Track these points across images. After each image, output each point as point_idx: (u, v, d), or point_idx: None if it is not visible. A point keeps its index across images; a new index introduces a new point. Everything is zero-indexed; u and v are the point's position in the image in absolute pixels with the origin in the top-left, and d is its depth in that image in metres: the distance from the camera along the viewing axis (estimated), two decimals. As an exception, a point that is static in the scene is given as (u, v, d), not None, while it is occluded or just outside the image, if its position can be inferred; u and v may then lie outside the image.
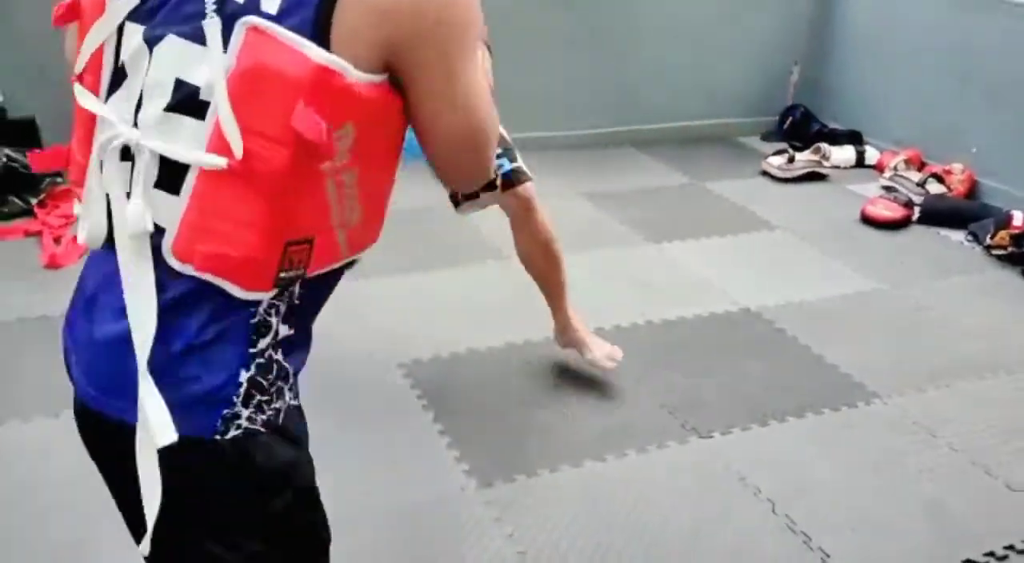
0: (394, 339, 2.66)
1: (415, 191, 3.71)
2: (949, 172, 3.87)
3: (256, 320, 0.92)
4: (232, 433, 0.92)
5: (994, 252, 3.34)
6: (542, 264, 2.35)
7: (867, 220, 3.64)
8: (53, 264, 2.92)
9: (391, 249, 3.33)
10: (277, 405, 0.97)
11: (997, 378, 2.59)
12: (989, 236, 3.36)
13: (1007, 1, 3.80)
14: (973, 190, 3.87)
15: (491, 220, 3.29)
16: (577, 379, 2.50)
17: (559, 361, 2.59)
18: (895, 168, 3.97)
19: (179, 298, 0.89)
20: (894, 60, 4.30)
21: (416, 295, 2.94)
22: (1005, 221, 3.34)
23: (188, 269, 0.88)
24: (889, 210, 3.63)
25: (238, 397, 0.92)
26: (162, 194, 0.88)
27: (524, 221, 2.28)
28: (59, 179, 3.47)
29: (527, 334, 2.71)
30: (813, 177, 4.12)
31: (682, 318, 2.86)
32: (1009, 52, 3.73)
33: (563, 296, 2.42)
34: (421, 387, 2.43)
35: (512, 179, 2.19)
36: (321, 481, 1.99)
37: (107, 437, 0.96)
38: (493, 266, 3.14)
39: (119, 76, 0.92)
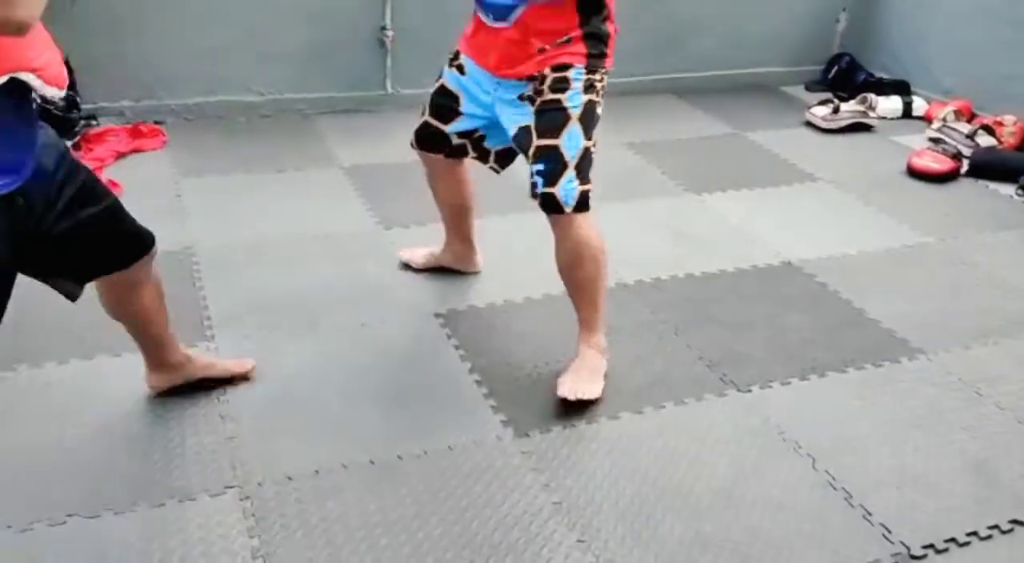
0: (432, 288, 2.64)
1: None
2: (1000, 124, 3.74)
3: None
4: None
5: (1046, 206, 3.25)
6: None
7: (913, 172, 3.54)
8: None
9: (427, 198, 3.31)
10: None
11: (1046, 336, 2.52)
12: (1041, 190, 3.25)
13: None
14: (1025, 143, 3.74)
15: (526, 168, 3.24)
16: (615, 332, 2.46)
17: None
18: (944, 119, 3.85)
19: None
20: (945, 7, 4.14)
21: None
22: (1058, 175, 3.23)
23: None
24: (936, 162, 3.52)
25: None
26: None
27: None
28: (94, 121, 3.46)
29: (563, 286, 2.67)
30: (858, 128, 4.00)
31: (723, 270, 2.81)
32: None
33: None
34: (458, 337, 2.41)
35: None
36: (363, 419, 1.99)
37: None
38: (535, 217, 3.09)
39: None
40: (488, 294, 2.62)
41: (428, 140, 2.40)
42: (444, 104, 2.32)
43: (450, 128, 2.33)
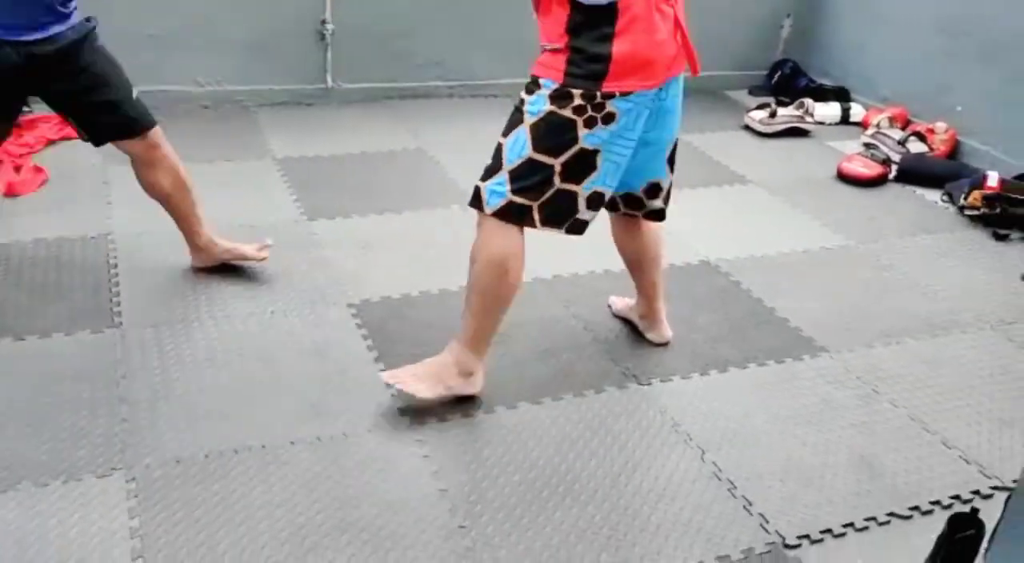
0: (347, 280, 2.65)
1: (382, 133, 3.71)
2: (932, 131, 3.81)
3: None
4: None
5: (967, 212, 3.30)
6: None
7: (843, 177, 3.60)
8: (11, 192, 2.92)
9: (356, 190, 3.34)
10: None
11: (949, 336, 2.57)
12: (963, 196, 3.31)
13: (1000, -44, 3.71)
14: (955, 149, 3.81)
15: (460, 166, 3.29)
16: (525, 327, 2.49)
17: (512, 307, 2.58)
18: (878, 125, 3.91)
19: None
20: (886, 16, 4.21)
21: (376, 237, 2.93)
22: (979, 181, 3.29)
23: None
24: (865, 167, 3.58)
25: None
26: None
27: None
28: (26, 108, 3.44)
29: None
30: (795, 133, 4.06)
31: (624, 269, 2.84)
32: (1002, 10, 3.64)
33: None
34: (368, 327, 2.43)
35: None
36: (262, 405, 2.01)
37: None
38: (458, 210, 3.12)
39: None
40: (404, 285, 2.64)
41: None
42: None
43: None
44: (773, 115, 4.02)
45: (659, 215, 2.24)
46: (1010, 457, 2.08)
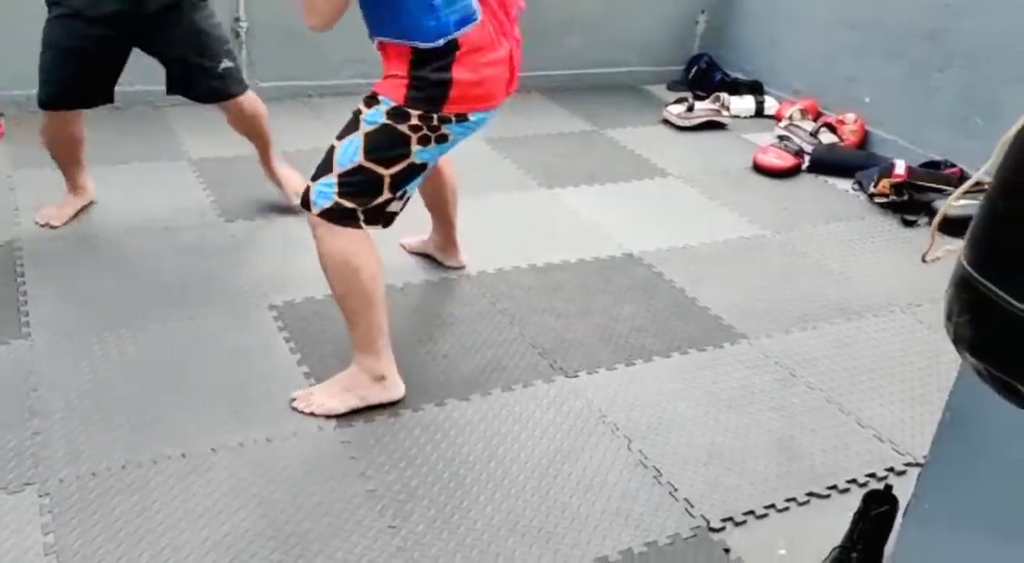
0: (268, 282, 2.61)
1: (302, 132, 3.65)
2: (842, 122, 3.93)
3: None
4: None
5: (877, 200, 3.42)
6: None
7: (758, 168, 3.69)
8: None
9: (275, 191, 3.27)
10: None
11: (862, 320, 2.66)
12: (872, 184, 3.43)
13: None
14: (865, 140, 3.94)
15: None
16: (453, 322, 2.49)
17: (437, 304, 2.58)
18: (790, 118, 4.02)
19: None
20: (796, 11, 4.33)
21: (297, 237, 2.87)
22: (887, 170, 3.41)
23: None
24: (779, 159, 3.68)
25: None
26: None
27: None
28: None
29: (407, 277, 2.69)
30: (713, 126, 4.14)
31: (565, 262, 2.86)
32: (905, 4, 3.78)
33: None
34: (290, 328, 2.39)
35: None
36: (181, 413, 1.96)
37: None
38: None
39: None
40: (326, 285, 2.60)
41: None
42: None
43: None
44: (690, 109, 4.10)
45: None
46: (921, 434, 2.16)
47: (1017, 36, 3.35)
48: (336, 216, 1.96)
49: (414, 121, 1.92)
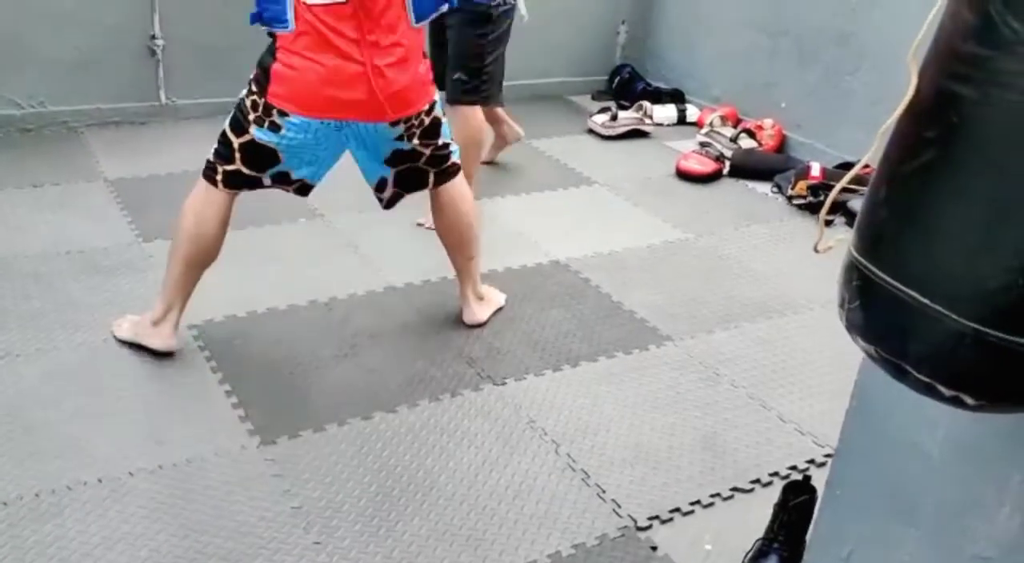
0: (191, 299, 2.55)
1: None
2: (760, 127, 4.03)
3: None
4: None
5: (795, 202, 3.51)
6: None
7: (681, 174, 3.76)
8: None
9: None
10: None
11: (783, 318, 2.72)
12: (790, 187, 3.52)
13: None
14: (782, 144, 4.04)
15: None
16: (380, 335, 2.47)
17: (364, 318, 2.56)
18: (711, 124, 4.10)
19: None
20: (711, 19, 4.43)
21: (220, 254, 2.83)
22: (804, 172, 3.51)
23: None
24: (701, 164, 3.75)
25: None
26: None
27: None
28: None
29: (333, 292, 2.66)
30: (637, 134, 4.21)
31: (493, 271, 2.87)
32: (812, 9, 3.90)
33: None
34: (211, 347, 2.35)
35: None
36: (97, 438, 1.90)
37: None
38: (304, 224, 3.07)
39: None
40: (250, 302, 2.57)
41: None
42: None
43: None
44: (614, 118, 4.15)
45: (389, 202, 2.39)
46: (839, 426, 2.21)
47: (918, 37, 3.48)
48: (204, 170, 2.18)
49: (253, 97, 2.09)
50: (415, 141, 2.20)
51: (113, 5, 3.61)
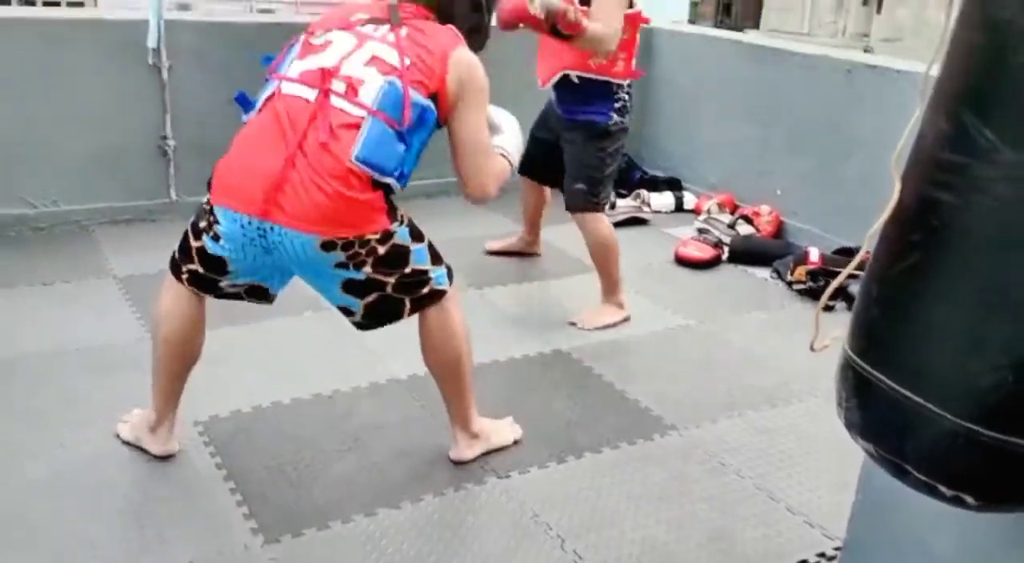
0: (194, 397, 2.54)
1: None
2: (757, 214, 4.10)
3: None
4: None
5: (795, 287, 3.55)
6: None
7: (680, 261, 3.81)
8: None
9: (209, 302, 3.23)
10: None
11: (788, 406, 2.72)
12: (789, 272, 3.56)
13: (795, 53, 4.12)
14: (780, 230, 4.11)
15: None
16: (383, 429, 2.47)
17: (367, 411, 2.56)
18: (708, 211, 4.18)
19: None
20: (705, 111, 4.57)
21: (225, 350, 2.85)
22: (802, 257, 3.56)
23: None
24: (700, 251, 3.80)
25: None
26: None
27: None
28: None
29: (336, 385, 2.68)
30: (635, 222, 4.28)
31: (495, 361, 2.89)
32: (802, 99, 4.02)
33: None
34: (216, 444, 2.35)
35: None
36: (99, 538, 1.88)
37: None
38: (310, 318, 3.10)
39: None
40: (256, 397, 2.58)
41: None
42: None
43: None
44: (613, 206, 4.23)
45: (359, 327, 2.20)
46: (848, 518, 2.19)
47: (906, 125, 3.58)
48: (170, 264, 2.16)
49: (204, 201, 2.06)
50: (367, 270, 2.00)
51: (127, 108, 3.73)
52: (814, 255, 3.54)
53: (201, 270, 2.08)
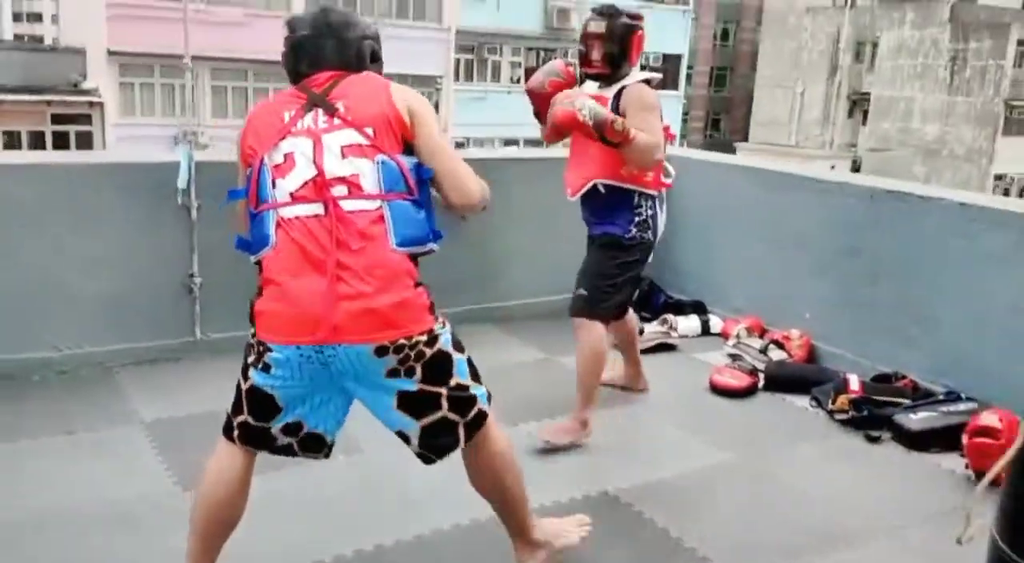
0: (229, 557, 2.44)
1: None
2: (788, 338, 4.06)
3: None
4: None
5: (837, 417, 3.46)
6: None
7: (716, 389, 3.74)
8: None
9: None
10: None
11: (850, 549, 2.60)
12: (830, 401, 3.49)
13: (817, 179, 4.17)
14: (812, 354, 4.05)
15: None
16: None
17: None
18: (738, 336, 4.13)
19: None
20: (727, 235, 4.59)
21: (260, 500, 2.72)
22: (842, 386, 3.49)
23: None
24: (735, 379, 3.74)
25: None
26: None
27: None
28: None
29: (378, 538, 2.56)
30: (663, 348, 4.23)
31: (541, 506, 2.75)
32: (825, 224, 4.04)
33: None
34: (258, 611, 2.22)
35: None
36: None
37: None
38: (344, 462, 2.99)
39: None
40: (297, 553, 2.45)
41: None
42: None
43: None
44: (641, 332, 4.19)
45: (424, 458, 2.17)
46: None
47: (931, 250, 3.59)
48: (223, 427, 2.12)
49: (249, 338, 2.06)
50: (416, 378, 2.01)
51: (153, 248, 3.73)
52: (854, 383, 3.48)
53: (251, 420, 2.05)
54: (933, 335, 3.61)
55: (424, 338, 2.00)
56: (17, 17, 20.55)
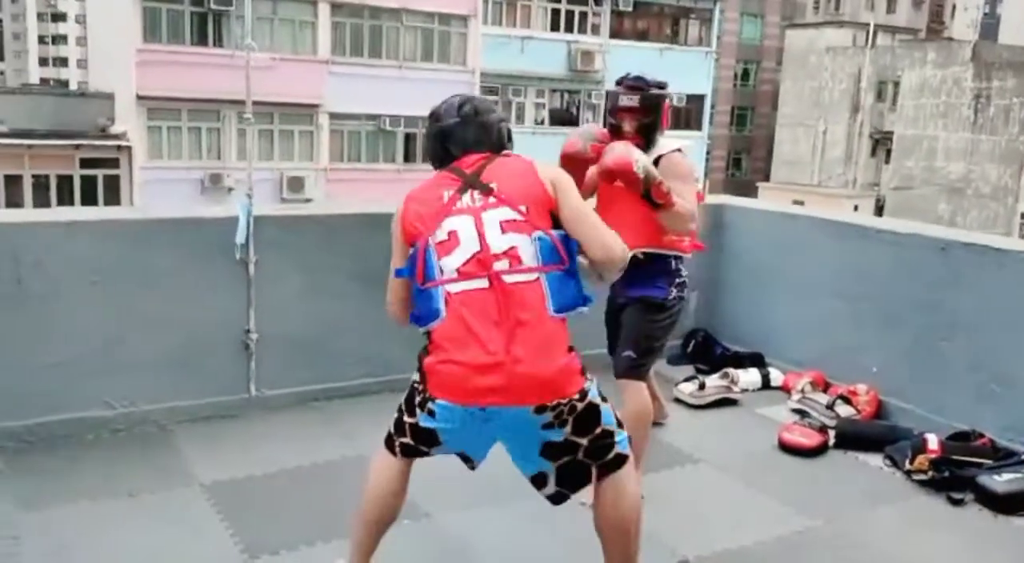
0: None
1: (315, 440, 3.49)
2: (855, 393, 3.94)
3: None
4: None
5: (915, 477, 3.34)
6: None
7: (785, 448, 3.62)
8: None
9: (299, 514, 3.06)
10: None
11: (952, 625, 2.47)
12: (908, 461, 3.36)
13: (882, 230, 4.09)
14: (880, 410, 3.93)
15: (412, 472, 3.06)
16: None
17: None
18: (802, 390, 4.02)
19: None
20: (786, 285, 4.49)
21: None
22: (920, 445, 3.36)
23: None
24: (805, 437, 3.62)
25: None
26: None
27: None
28: None
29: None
30: (724, 402, 4.12)
31: (619, 577, 2.66)
32: (893, 275, 3.95)
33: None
34: None
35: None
36: None
37: None
38: (408, 527, 2.89)
39: None
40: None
41: None
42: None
43: None
44: (702, 387, 4.09)
45: (553, 499, 2.41)
46: None
47: (1009, 303, 3.48)
48: (385, 439, 2.39)
49: (419, 389, 2.27)
50: (567, 430, 2.21)
51: (209, 305, 3.68)
52: (933, 442, 3.35)
53: (412, 443, 2.32)
54: (1012, 391, 3.49)
55: (577, 396, 2.20)
56: (43, 62, 20.92)
